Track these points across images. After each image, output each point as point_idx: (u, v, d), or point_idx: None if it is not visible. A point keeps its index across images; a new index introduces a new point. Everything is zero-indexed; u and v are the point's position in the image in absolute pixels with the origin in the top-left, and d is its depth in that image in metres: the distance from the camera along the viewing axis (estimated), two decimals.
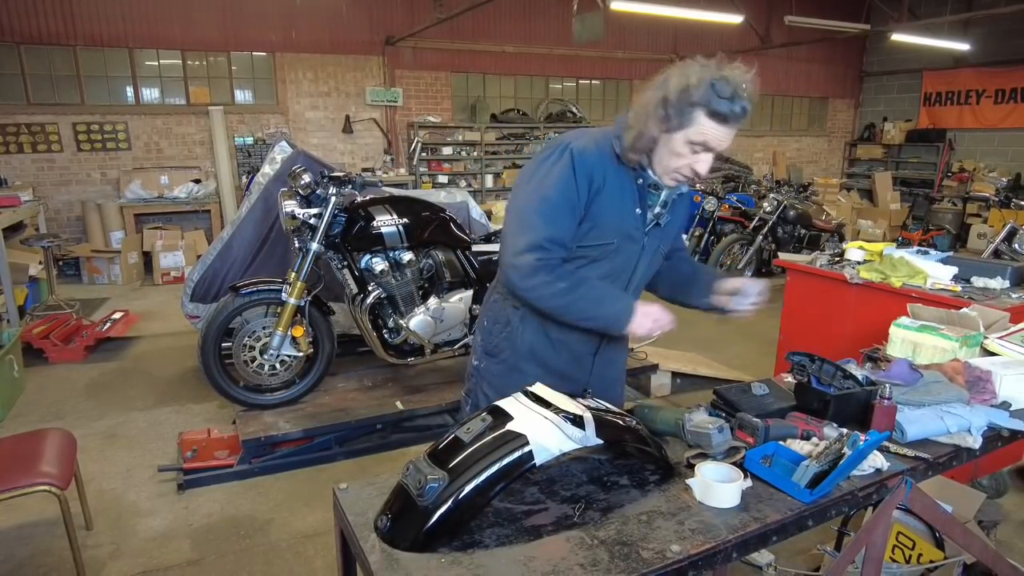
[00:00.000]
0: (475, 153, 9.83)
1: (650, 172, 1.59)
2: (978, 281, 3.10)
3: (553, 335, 1.72)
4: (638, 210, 1.62)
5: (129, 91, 7.97)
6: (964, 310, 2.20)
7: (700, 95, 1.44)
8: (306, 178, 3.41)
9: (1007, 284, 3.06)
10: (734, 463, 1.34)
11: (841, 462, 1.28)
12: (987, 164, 11.35)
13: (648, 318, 1.57)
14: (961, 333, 1.95)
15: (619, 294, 1.62)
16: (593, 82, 10.97)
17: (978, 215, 9.70)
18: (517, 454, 1.16)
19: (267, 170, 4.10)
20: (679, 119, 1.47)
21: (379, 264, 3.53)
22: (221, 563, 2.62)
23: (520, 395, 1.34)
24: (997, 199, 7.17)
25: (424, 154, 9.49)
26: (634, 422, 1.40)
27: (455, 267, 3.77)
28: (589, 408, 1.29)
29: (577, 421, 1.23)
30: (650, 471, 1.38)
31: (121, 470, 3.32)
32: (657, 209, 1.65)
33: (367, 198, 3.58)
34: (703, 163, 1.53)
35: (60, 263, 7.09)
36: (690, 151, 1.51)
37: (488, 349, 1.81)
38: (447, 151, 9.65)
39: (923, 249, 3.42)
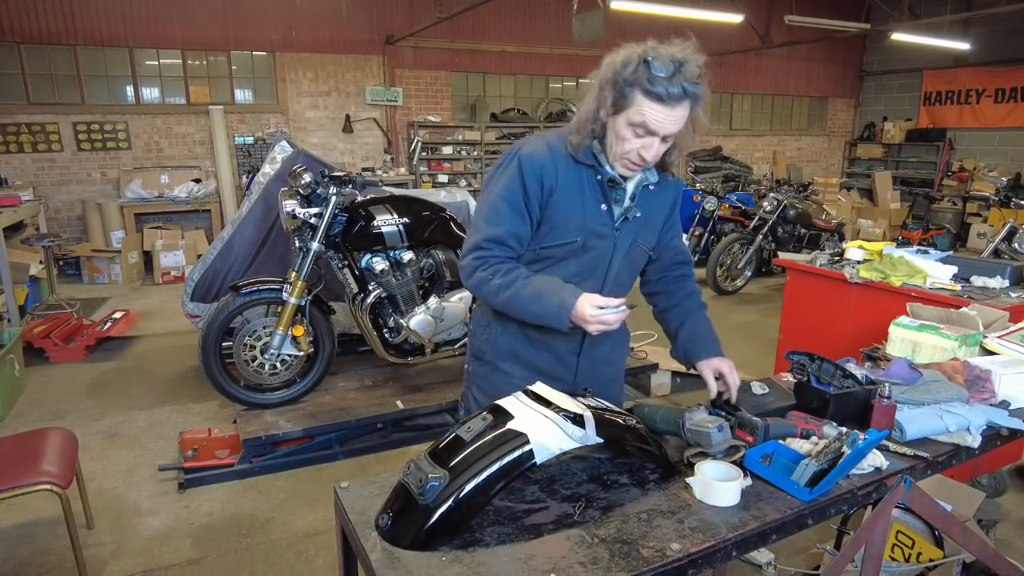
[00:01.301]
0: (475, 153, 9.83)
1: (608, 167, 1.57)
2: (978, 280, 3.10)
3: (532, 335, 1.69)
4: (603, 206, 1.59)
5: (129, 91, 7.97)
6: (963, 309, 2.20)
7: (632, 72, 1.41)
8: (306, 178, 3.41)
9: (1006, 283, 3.07)
10: (734, 462, 1.35)
11: (840, 461, 1.28)
12: (987, 163, 11.34)
13: (593, 311, 1.45)
14: (960, 332, 1.96)
15: (558, 288, 1.51)
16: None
17: (978, 214, 9.70)
18: (518, 453, 1.17)
19: (267, 170, 4.11)
20: (619, 100, 1.45)
21: (379, 263, 3.54)
22: (222, 562, 2.63)
23: (520, 394, 1.34)
24: (997, 198, 7.18)
25: (424, 153, 9.49)
26: (634, 421, 1.40)
27: (455, 266, 3.78)
28: (589, 407, 1.29)
29: (577, 420, 1.23)
30: (650, 470, 1.39)
31: (122, 469, 3.32)
32: (626, 203, 1.63)
33: (367, 197, 3.58)
34: (649, 148, 1.49)
35: (60, 263, 7.09)
36: (633, 134, 1.47)
37: (474, 352, 1.81)
38: (447, 151, 9.65)
39: (923, 248, 3.42)
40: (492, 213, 1.58)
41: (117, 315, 5.25)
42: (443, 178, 9.59)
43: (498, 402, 1.31)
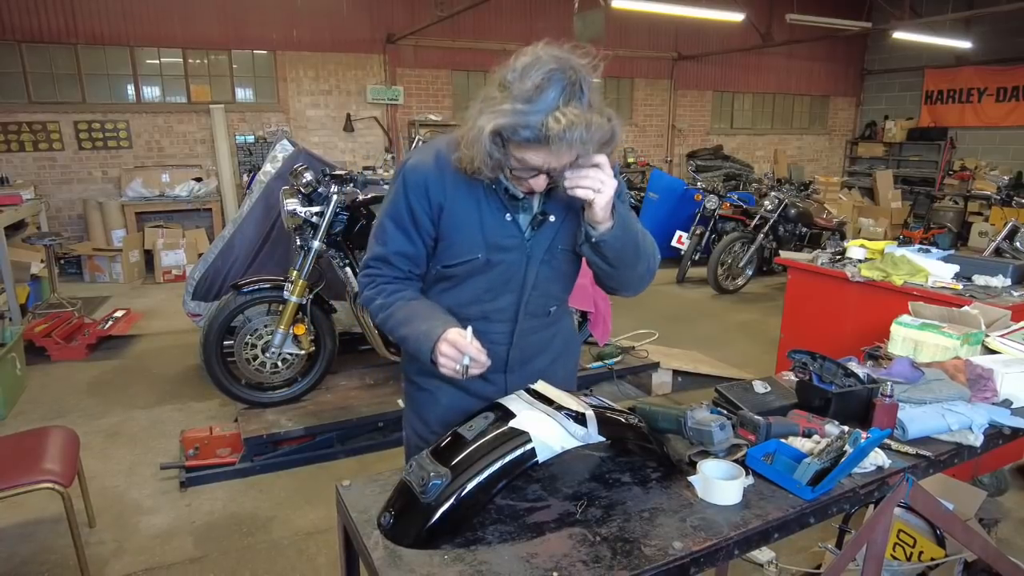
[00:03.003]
0: None
1: (503, 176, 1.37)
2: (979, 279, 3.10)
3: None
4: (508, 216, 1.43)
5: (130, 89, 7.97)
6: (965, 308, 2.20)
7: (501, 138, 1.26)
8: (307, 176, 3.41)
9: (1008, 282, 3.06)
10: (736, 460, 1.34)
11: (842, 460, 1.28)
12: (988, 162, 11.33)
13: (451, 349, 1.33)
14: (962, 331, 1.95)
15: (431, 316, 1.41)
16: (594, 80, 10.95)
17: (979, 213, 9.69)
18: (519, 451, 1.16)
19: (268, 168, 4.11)
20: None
21: None
22: (223, 560, 2.63)
23: (523, 392, 1.34)
24: (998, 197, 7.18)
25: None
26: (636, 420, 1.40)
27: None
28: (592, 405, 1.29)
29: (579, 418, 1.23)
30: (652, 468, 1.39)
31: (123, 468, 3.32)
32: (536, 208, 1.46)
33: (368, 196, 3.58)
34: (538, 181, 1.34)
35: (62, 261, 7.10)
36: (518, 164, 1.32)
37: (403, 371, 1.72)
38: None
39: (924, 247, 3.42)
40: (379, 231, 1.50)
41: (118, 314, 5.25)
42: None
43: (500, 400, 1.31)
